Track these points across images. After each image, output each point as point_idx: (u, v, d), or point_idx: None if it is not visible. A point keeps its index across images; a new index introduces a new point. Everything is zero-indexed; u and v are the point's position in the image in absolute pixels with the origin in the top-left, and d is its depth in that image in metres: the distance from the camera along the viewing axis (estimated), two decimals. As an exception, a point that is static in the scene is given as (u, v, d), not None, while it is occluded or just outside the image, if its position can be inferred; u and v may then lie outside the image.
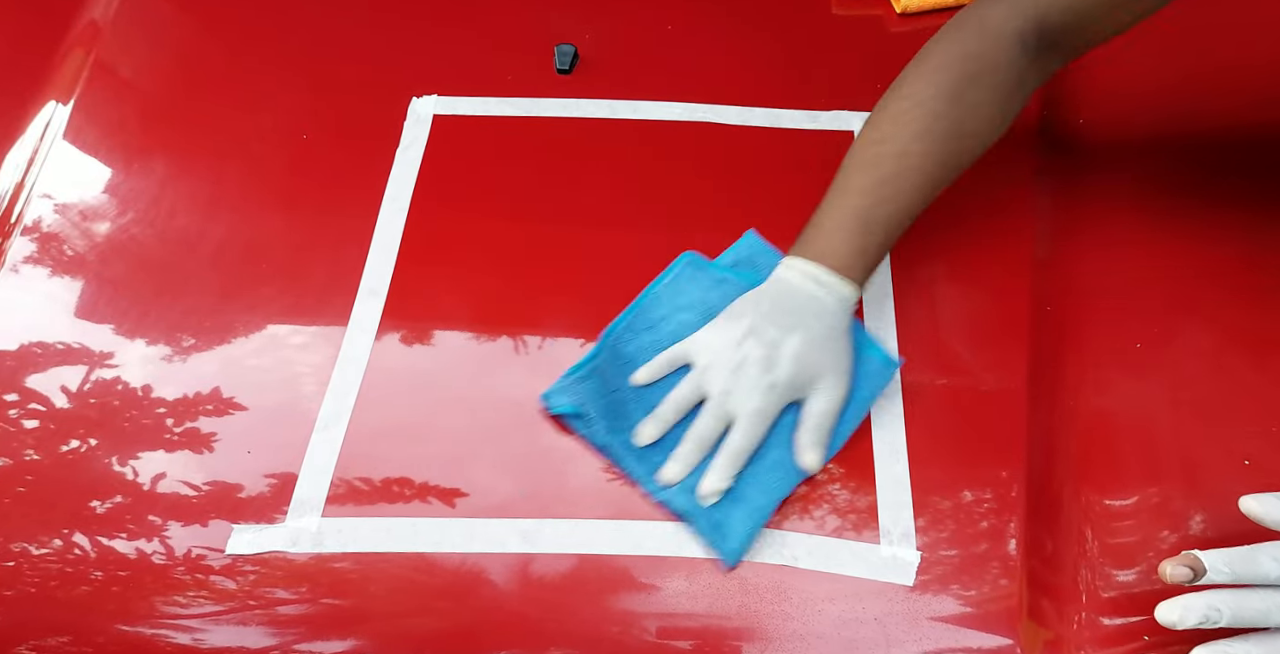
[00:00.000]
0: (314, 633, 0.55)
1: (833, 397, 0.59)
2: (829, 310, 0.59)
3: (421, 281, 0.67)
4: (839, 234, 0.60)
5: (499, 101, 0.77)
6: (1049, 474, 0.59)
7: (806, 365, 0.58)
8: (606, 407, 0.60)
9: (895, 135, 0.61)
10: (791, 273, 0.60)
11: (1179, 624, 0.48)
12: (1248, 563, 0.48)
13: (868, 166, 0.61)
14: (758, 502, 0.57)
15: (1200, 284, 0.66)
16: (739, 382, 0.58)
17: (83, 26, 0.82)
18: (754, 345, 0.58)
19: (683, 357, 0.61)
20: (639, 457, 0.59)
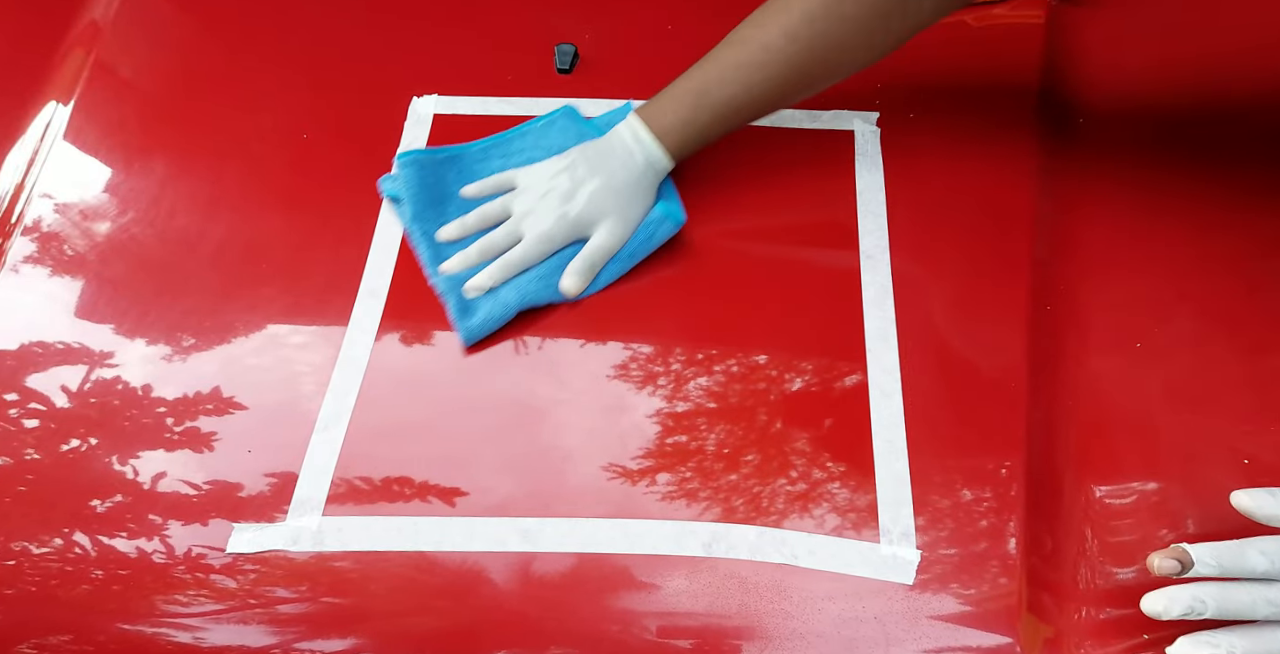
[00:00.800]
0: (314, 632, 0.55)
1: (611, 236, 0.65)
2: (636, 164, 0.66)
3: (422, 282, 0.67)
4: (673, 103, 0.66)
5: (499, 101, 0.77)
6: (1049, 472, 0.59)
7: (597, 205, 0.65)
8: (423, 196, 0.68)
9: (771, 27, 0.63)
10: (623, 127, 0.67)
11: (1163, 615, 0.49)
12: (1235, 557, 0.49)
13: (732, 46, 0.65)
14: (506, 297, 0.64)
15: (1200, 283, 0.66)
16: (538, 207, 0.66)
17: (83, 26, 0.82)
18: (564, 180, 0.66)
19: (509, 181, 0.69)
20: (433, 247, 0.67)
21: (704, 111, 0.65)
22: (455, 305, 0.64)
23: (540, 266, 0.66)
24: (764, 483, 0.59)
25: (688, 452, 0.60)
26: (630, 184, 0.66)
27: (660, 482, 0.59)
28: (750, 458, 0.60)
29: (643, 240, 0.66)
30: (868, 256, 0.68)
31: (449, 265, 0.66)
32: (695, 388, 0.63)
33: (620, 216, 0.65)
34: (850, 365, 0.63)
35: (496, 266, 0.65)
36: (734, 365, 0.64)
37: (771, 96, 0.65)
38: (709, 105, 0.65)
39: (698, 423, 0.62)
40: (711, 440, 0.61)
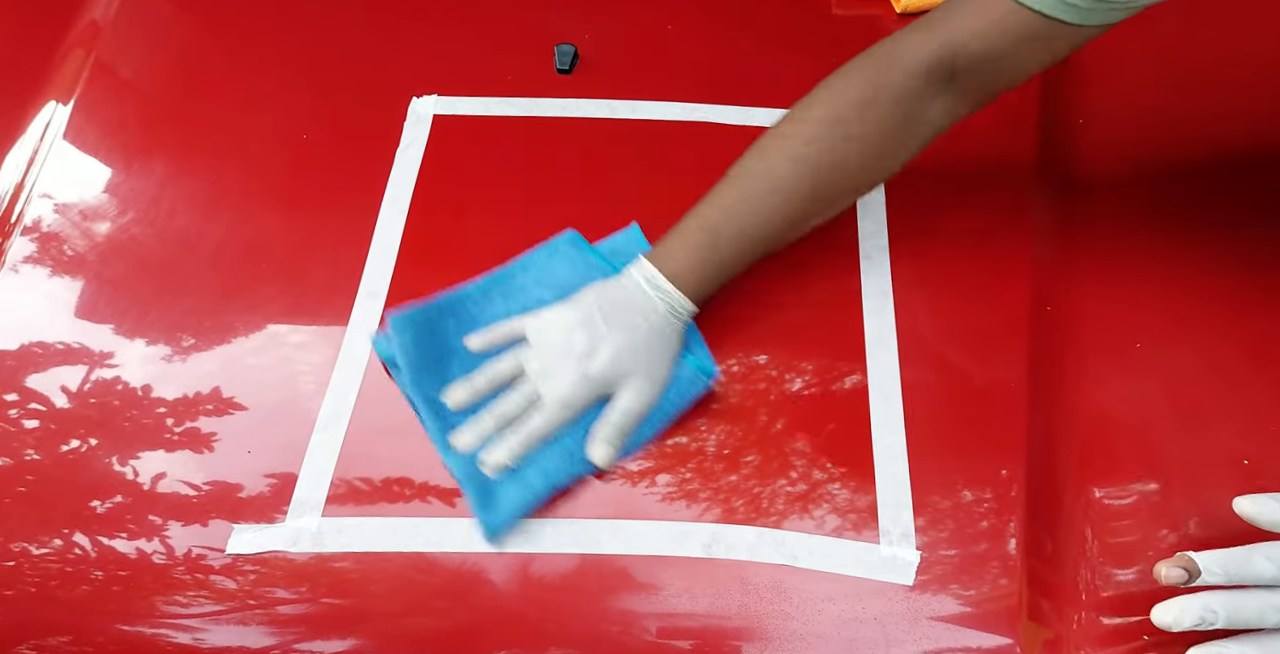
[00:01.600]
0: (314, 633, 0.55)
1: (638, 397, 0.59)
2: (658, 315, 0.60)
3: (421, 282, 0.67)
4: (685, 245, 0.61)
5: (499, 101, 0.77)
6: (1049, 474, 0.59)
7: (621, 364, 0.59)
8: (427, 360, 0.61)
9: (771, 154, 0.61)
10: (636, 273, 0.61)
11: (1174, 626, 0.49)
12: (1242, 564, 0.48)
13: (736, 180, 0.61)
14: (534, 483, 0.57)
15: (1200, 284, 0.66)
16: (556, 367, 0.60)
17: (83, 26, 0.82)
18: (581, 337, 0.60)
19: (518, 331, 0.62)
20: (439, 414, 0.60)
21: (718, 249, 0.61)
22: (475, 494, 0.57)
23: (565, 439, 0.59)
24: (764, 484, 0.59)
25: (688, 452, 0.60)
26: (654, 337, 0.60)
27: (660, 482, 0.59)
28: (750, 459, 0.60)
29: (674, 400, 0.60)
30: (868, 257, 0.68)
31: (463, 439, 0.59)
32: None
33: (647, 375, 0.59)
34: (850, 366, 0.63)
35: (515, 440, 0.58)
36: (734, 365, 0.64)
37: (786, 223, 0.61)
38: (723, 242, 0.60)
39: (698, 423, 0.62)
40: (711, 441, 0.61)
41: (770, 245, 0.62)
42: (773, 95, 0.77)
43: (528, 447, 0.58)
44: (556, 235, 0.67)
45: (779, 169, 0.60)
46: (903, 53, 0.59)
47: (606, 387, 0.59)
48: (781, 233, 0.62)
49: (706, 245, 0.60)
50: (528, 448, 0.58)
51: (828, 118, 0.60)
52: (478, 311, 0.64)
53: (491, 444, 0.59)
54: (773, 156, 0.61)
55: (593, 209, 0.71)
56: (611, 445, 0.59)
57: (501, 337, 0.62)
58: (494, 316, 0.64)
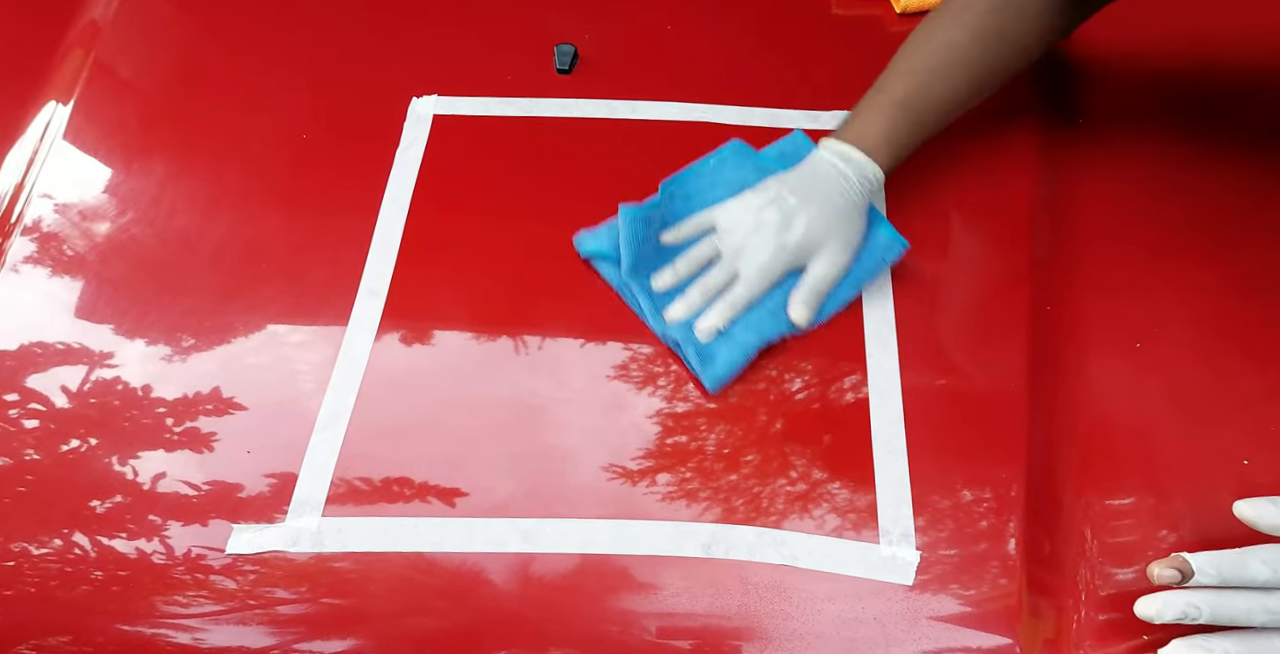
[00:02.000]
0: (314, 633, 0.55)
1: (833, 263, 0.63)
2: (850, 186, 0.64)
3: (421, 282, 0.67)
4: (873, 118, 0.65)
5: (499, 101, 0.77)
6: (1048, 474, 0.59)
7: (816, 232, 0.63)
8: (639, 251, 0.65)
9: (950, 27, 0.65)
10: (824, 152, 0.65)
11: (1156, 619, 0.49)
12: (1236, 566, 0.49)
13: (918, 54, 0.66)
14: (744, 339, 0.62)
15: (1200, 284, 0.66)
16: (751, 241, 0.64)
17: (83, 26, 0.82)
18: (773, 212, 0.64)
19: (708, 222, 0.66)
20: (651, 297, 0.64)
21: (908, 120, 0.65)
22: (695, 354, 0.62)
23: (766, 300, 0.64)
24: (763, 483, 0.59)
25: (688, 452, 0.60)
26: (848, 207, 0.64)
27: (660, 482, 0.59)
28: (750, 458, 0.60)
29: (870, 267, 0.65)
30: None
31: (674, 312, 0.63)
32: (695, 388, 0.63)
33: (841, 241, 0.64)
34: (850, 366, 0.63)
35: (723, 306, 0.63)
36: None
37: (970, 90, 0.66)
38: (914, 112, 0.65)
39: (698, 423, 0.62)
40: (711, 440, 0.61)
41: (954, 114, 0.67)
42: (773, 95, 0.77)
43: (735, 311, 0.63)
44: (724, 145, 0.70)
45: (960, 41, 0.64)
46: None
47: (802, 255, 0.63)
48: (965, 101, 0.66)
49: (898, 117, 0.65)
50: (735, 313, 0.63)
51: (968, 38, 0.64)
52: (665, 214, 0.68)
53: (703, 314, 0.63)
54: (952, 29, 0.65)
55: (593, 209, 0.71)
56: (809, 307, 0.63)
57: (692, 228, 0.67)
58: (676, 214, 0.68)
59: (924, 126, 0.66)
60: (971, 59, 0.65)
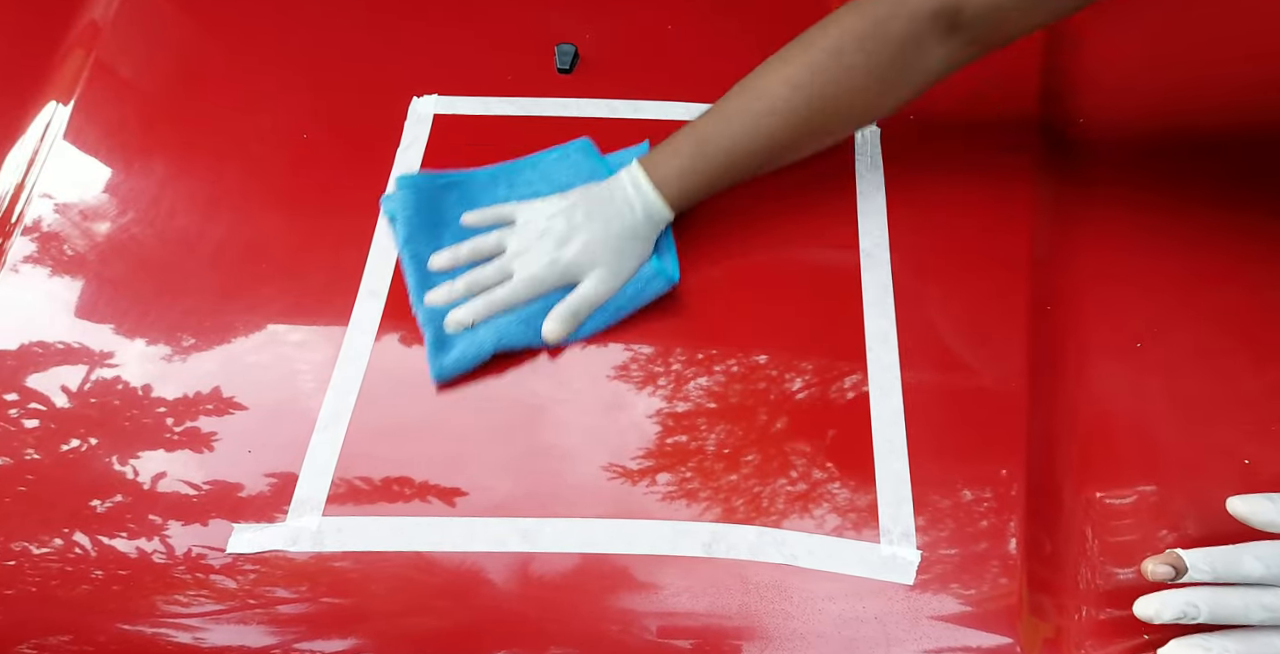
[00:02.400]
0: (314, 632, 0.55)
1: (598, 286, 0.63)
2: (634, 215, 0.64)
3: (421, 281, 0.67)
4: (674, 152, 0.65)
5: (499, 101, 0.77)
6: (1049, 473, 0.59)
7: (590, 253, 0.63)
8: (418, 221, 0.67)
9: (771, 75, 0.63)
10: (624, 174, 0.65)
11: (1154, 619, 0.49)
12: (1230, 562, 0.49)
13: (734, 98, 0.64)
14: (484, 338, 0.62)
15: (1201, 283, 0.66)
16: (533, 247, 0.64)
17: (83, 26, 0.82)
18: (561, 222, 0.64)
19: (509, 215, 0.67)
20: (421, 274, 0.66)
21: (705, 160, 0.64)
22: (431, 338, 0.63)
23: (524, 309, 0.64)
24: (764, 483, 0.59)
25: (688, 452, 0.60)
26: (625, 234, 0.64)
27: (660, 482, 0.59)
28: (750, 458, 0.60)
29: (631, 296, 0.64)
30: (868, 256, 0.68)
31: (434, 296, 0.65)
32: (695, 388, 0.63)
33: (611, 268, 0.64)
34: (850, 365, 0.63)
35: (480, 303, 0.64)
36: (734, 365, 0.64)
37: (777, 145, 0.64)
38: (711, 153, 0.64)
39: (698, 423, 0.62)
40: (711, 440, 0.61)
41: (757, 165, 0.65)
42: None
43: (490, 312, 0.64)
44: (570, 141, 0.72)
45: (776, 90, 0.62)
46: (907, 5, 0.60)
47: (573, 273, 0.64)
48: (770, 153, 0.65)
49: (694, 155, 0.64)
50: (489, 313, 0.64)
51: (830, 48, 0.62)
52: (480, 193, 0.70)
53: (459, 305, 0.64)
54: (773, 78, 0.63)
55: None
56: (564, 324, 0.63)
57: (493, 217, 0.68)
58: (493, 200, 0.69)
59: (722, 177, 0.65)
60: (792, 118, 0.63)
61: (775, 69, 0.63)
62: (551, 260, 0.63)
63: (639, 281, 0.64)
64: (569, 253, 0.63)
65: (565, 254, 0.63)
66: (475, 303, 0.64)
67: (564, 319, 0.63)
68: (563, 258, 0.63)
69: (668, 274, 0.64)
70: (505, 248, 0.65)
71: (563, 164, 0.71)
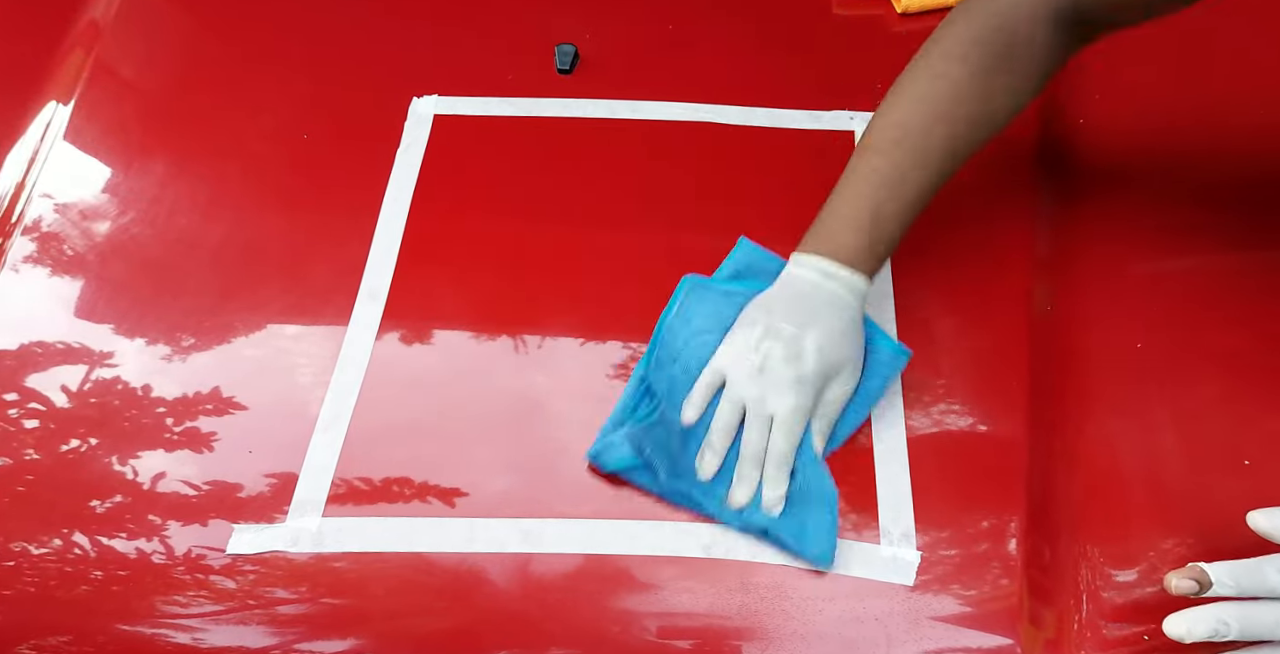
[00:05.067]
0: (314, 633, 0.55)
1: (845, 388, 0.59)
2: (843, 302, 0.59)
3: (422, 282, 0.67)
4: (849, 227, 0.59)
5: (499, 101, 0.77)
6: (1049, 473, 0.59)
7: (829, 357, 0.58)
8: (666, 452, 0.58)
9: (916, 117, 0.60)
10: (802, 270, 0.60)
11: (1187, 637, 0.48)
12: (1253, 576, 0.48)
13: (884, 153, 0.60)
14: (828, 494, 0.57)
15: (1201, 284, 0.66)
16: (766, 382, 0.58)
17: (83, 26, 0.82)
18: (773, 345, 0.58)
19: (716, 378, 0.60)
20: (706, 492, 0.58)
21: (883, 225, 0.59)
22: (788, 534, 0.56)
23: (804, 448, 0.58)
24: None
25: (688, 452, 0.60)
26: (848, 324, 0.59)
27: (660, 482, 0.59)
28: (750, 458, 0.60)
29: (879, 385, 0.60)
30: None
31: (739, 497, 0.57)
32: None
33: (853, 361, 0.59)
34: (851, 366, 0.63)
35: (773, 469, 0.57)
36: (734, 366, 0.64)
37: (942, 179, 0.61)
38: (886, 217, 0.59)
39: (698, 423, 0.62)
40: (712, 441, 0.61)
41: (926, 204, 0.61)
42: (773, 95, 0.77)
43: (788, 467, 0.58)
44: (677, 288, 0.64)
45: (934, 129, 0.59)
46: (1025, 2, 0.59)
47: (823, 382, 0.58)
48: (936, 188, 0.61)
49: (873, 224, 0.59)
50: (788, 467, 0.58)
51: (967, 73, 0.59)
52: (663, 387, 0.61)
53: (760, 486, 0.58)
54: (925, 120, 0.59)
55: (593, 208, 0.71)
56: (822, 437, 0.59)
57: (705, 390, 0.60)
58: (676, 381, 0.61)
59: (901, 228, 0.60)
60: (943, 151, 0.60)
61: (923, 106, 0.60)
62: (797, 381, 0.57)
63: (880, 367, 0.60)
64: (810, 366, 0.57)
65: (807, 369, 0.57)
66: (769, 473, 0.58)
67: (822, 431, 0.59)
68: (807, 373, 0.57)
69: (903, 351, 0.61)
70: (743, 401, 0.58)
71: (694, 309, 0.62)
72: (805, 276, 0.59)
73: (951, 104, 0.60)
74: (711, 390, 0.60)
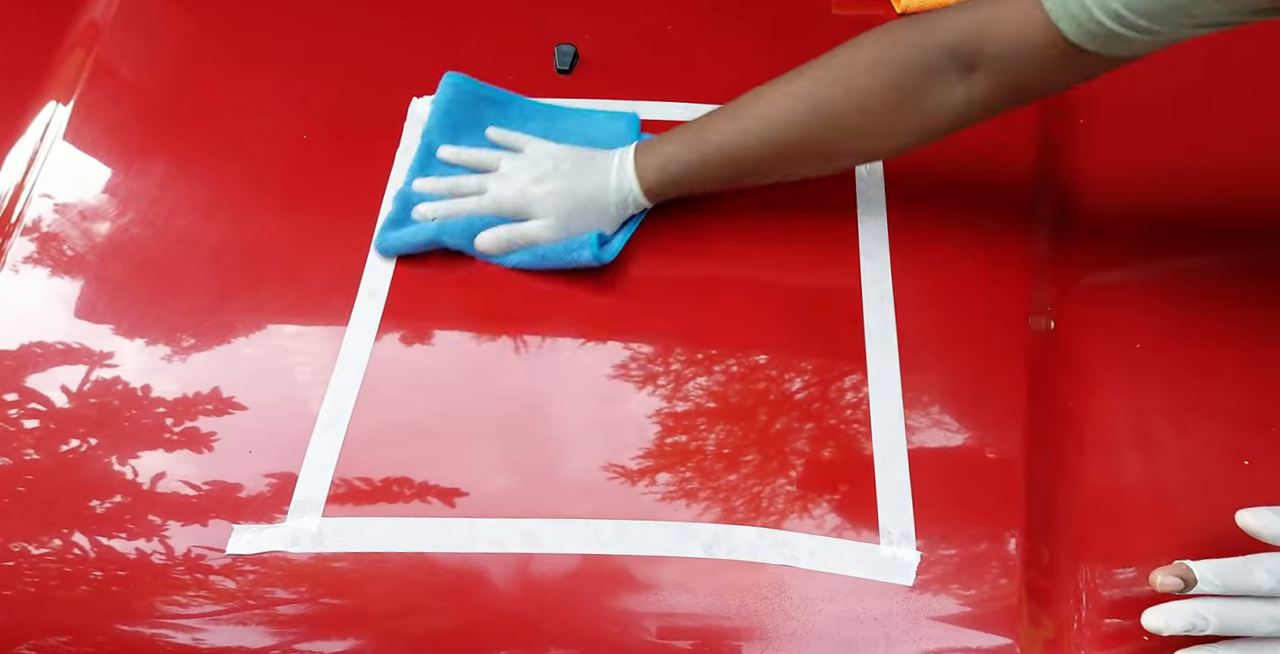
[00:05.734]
0: (314, 633, 0.55)
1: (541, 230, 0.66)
2: (606, 186, 0.66)
3: (421, 282, 0.67)
4: (664, 143, 0.66)
5: (499, 101, 0.77)
6: (1049, 473, 0.59)
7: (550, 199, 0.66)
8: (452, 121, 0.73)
9: (775, 87, 0.63)
10: (620, 151, 0.67)
11: (1164, 630, 0.49)
12: (1240, 575, 0.48)
13: (737, 103, 0.65)
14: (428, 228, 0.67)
15: (1201, 284, 0.66)
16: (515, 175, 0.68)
17: (83, 26, 0.82)
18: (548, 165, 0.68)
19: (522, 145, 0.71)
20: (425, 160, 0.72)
21: (692, 155, 0.64)
22: (391, 214, 0.68)
23: (477, 221, 0.67)
24: (764, 484, 0.59)
25: (688, 452, 0.60)
26: (588, 200, 0.66)
27: (660, 482, 0.59)
28: (750, 458, 0.60)
29: (558, 252, 0.66)
30: (868, 256, 0.68)
31: (420, 184, 0.70)
32: (695, 388, 0.63)
33: (561, 221, 0.66)
34: (850, 366, 0.63)
35: (447, 205, 0.68)
36: (734, 365, 0.64)
37: (766, 155, 0.63)
38: (699, 150, 0.64)
39: (698, 423, 0.62)
40: (711, 441, 0.61)
41: (744, 171, 0.65)
42: (773, 95, 0.77)
43: (450, 214, 0.68)
44: (627, 113, 0.75)
45: (778, 101, 0.62)
46: (932, 25, 0.58)
47: (528, 210, 0.67)
48: (758, 163, 0.64)
49: (682, 149, 0.65)
50: (449, 215, 0.68)
51: (840, 67, 0.61)
52: (515, 117, 0.74)
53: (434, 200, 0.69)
54: (778, 89, 0.63)
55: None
56: (494, 244, 0.66)
57: (509, 141, 0.72)
58: (521, 128, 0.73)
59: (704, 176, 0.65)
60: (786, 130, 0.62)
61: (784, 81, 0.63)
62: (519, 190, 0.67)
63: (572, 244, 0.66)
64: (534, 191, 0.67)
65: (532, 191, 0.67)
66: (443, 204, 0.69)
67: (496, 241, 0.66)
68: (528, 193, 0.67)
69: (595, 251, 0.65)
70: (499, 167, 0.70)
71: (601, 125, 0.74)
72: (613, 154, 0.67)
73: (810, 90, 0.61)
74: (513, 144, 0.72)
